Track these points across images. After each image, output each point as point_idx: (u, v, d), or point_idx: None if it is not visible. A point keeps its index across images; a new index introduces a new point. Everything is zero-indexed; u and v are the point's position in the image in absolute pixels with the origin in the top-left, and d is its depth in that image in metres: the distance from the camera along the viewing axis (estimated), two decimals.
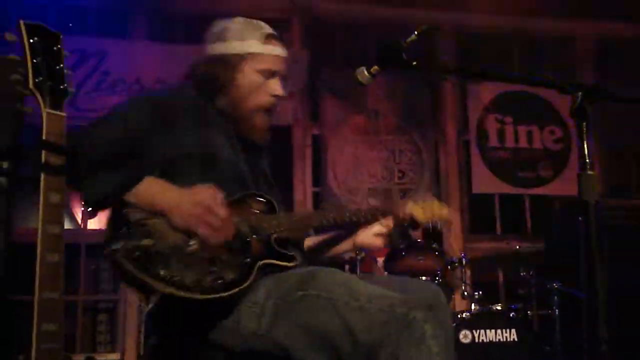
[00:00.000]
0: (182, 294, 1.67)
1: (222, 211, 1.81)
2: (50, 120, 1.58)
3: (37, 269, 1.51)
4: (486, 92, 5.74)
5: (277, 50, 2.10)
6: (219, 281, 1.74)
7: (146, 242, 1.74)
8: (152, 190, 1.83)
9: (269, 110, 2.13)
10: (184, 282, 1.69)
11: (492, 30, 5.97)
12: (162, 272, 1.69)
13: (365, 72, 1.96)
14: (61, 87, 1.62)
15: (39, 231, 1.52)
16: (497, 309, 4.19)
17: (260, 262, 1.86)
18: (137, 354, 4.72)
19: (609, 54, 6.04)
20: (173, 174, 1.90)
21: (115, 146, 1.87)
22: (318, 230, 2.28)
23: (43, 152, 1.55)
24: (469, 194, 5.70)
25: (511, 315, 4.11)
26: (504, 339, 3.95)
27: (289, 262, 1.92)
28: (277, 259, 1.91)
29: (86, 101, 4.84)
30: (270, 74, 2.10)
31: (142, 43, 5.17)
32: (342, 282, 1.80)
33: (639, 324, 4.48)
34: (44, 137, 1.56)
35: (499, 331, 3.96)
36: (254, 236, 1.90)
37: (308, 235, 2.29)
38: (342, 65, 5.54)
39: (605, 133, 5.76)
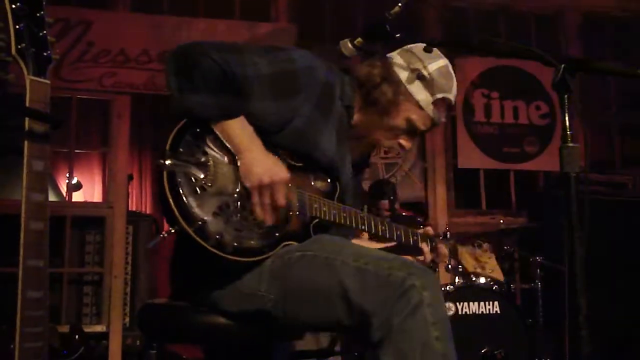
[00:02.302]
0: (197, 238, 1.63)
1: (282, 201, 1.76)
2: (34, 87, 1.55)
3: (22, 236, 1.50)
4: (473, 67, 5.73)
5: (436, 118, 2.04)
6: (235, 244, 1.70)
7: (198, 173, 1.69)
8: (242, 130, 1.77)
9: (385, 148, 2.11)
10: (206, 227, 1.65)
11: (478, 5, 5.94)
12: (195, 210, 1.65)
13: (349, 45, 1.95)
14: (45, 53, 1.59)
15: (23, 198, 1.51)
16: (480, 282, 4.23)
17: (286, 242, 1.82)
18: (123, 326, 4.74)
19: (595, 30, 6.03)
20: (263, 133, 1.82)
21: (255, 80, 1.78)
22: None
23: (27, 120, 1.54)
24: (454, 168, 5.72)
25: (494, 288, 4.16)
26: (487, 312, 4.01)
27: None
28: None
29: (70, 72, 4.79)
30: (413, 131, 2.05)
31: (127, 14, 5.11)
32: (343, 245, 1.82)
33: (621, 297, 4.56)
34: (27, 104, 1.54)
35: (482, 304, 4.01)
36: (298, 213, 1.84)
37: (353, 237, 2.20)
38: (330, 39, 5.49)
39: (590, 107, 5.79)
